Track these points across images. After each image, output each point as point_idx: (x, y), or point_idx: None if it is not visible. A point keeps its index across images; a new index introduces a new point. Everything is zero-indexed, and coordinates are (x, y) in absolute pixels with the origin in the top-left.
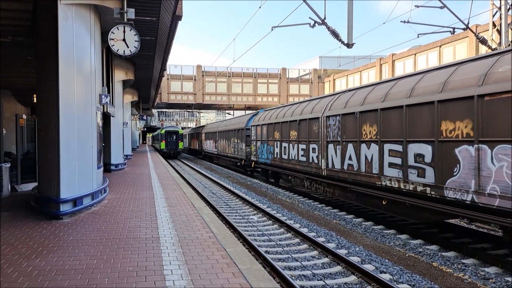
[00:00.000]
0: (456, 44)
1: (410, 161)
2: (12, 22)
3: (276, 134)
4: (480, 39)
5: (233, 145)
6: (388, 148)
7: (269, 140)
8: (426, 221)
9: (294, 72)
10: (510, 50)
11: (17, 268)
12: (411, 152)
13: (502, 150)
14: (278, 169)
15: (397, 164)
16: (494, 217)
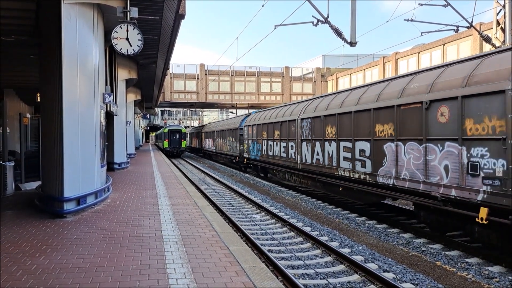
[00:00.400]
0: (460, 42)
1: (356, 155)
2: (15, 21)
3: (263, 134)
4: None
5: (228, 143)
6: (342, 145)
7: (258, 139)
8: (368, 202)
9: (297, 71)
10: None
11: (21, 266)
12: (357, 148)
13: (410, 146)
14: (266, 164)
15: (348, 158)
16: (407, 196)
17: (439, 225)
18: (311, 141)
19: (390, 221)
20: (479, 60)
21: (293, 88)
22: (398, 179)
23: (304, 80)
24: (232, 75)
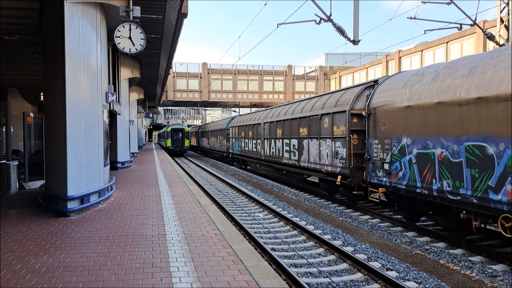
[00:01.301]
0: (463, 40)
1: (291, 148)
2: (19, 20)
3: (242, 133)
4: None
5: (219, 141)
6: (285, 142)
7: (239, 137)
8: (298, 179)
9: (300, 69)
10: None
11: (25, 264)
12: (291, 143)
13: (314, 141)
14: (244, 157)
15: (287, 150)
16: (314, 173)
17: (328, 188)
18: (269, 139)
19: (392, 219)
20: (343, 91)
21: (295, 86)
22: (310, 162)
23: (306, 79)
24: (235, 74)
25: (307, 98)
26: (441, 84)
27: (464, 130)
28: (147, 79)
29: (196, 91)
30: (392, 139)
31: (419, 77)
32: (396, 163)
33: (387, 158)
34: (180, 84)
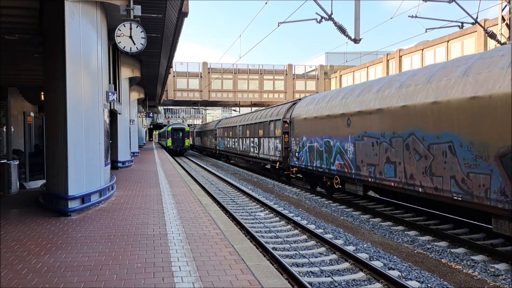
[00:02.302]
0: (464, 39)
1: (255, 144)
2: (19, 20)
3: (225, 133)
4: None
5: (209, 140)
6: (251, 140)
7: (224, 136)
8: (259, 167)
9: (300, 68)
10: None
11: (26, 264)
12: (255, 141)
13: (266, 139)
14: (227, 153)
15: (252, 146)
16: (267, 161)
17: (273, 172)
18: (242, 138)
19: (394, 218)
20: (282, 105)
21: (296, 85)
22: (264, 154)
23: (307, 78)
24: (235, 73)
25: (265, 108)
26: (320, 105)
27: (324, 132)
28: (148, 78)
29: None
30: (299, 137)
31: (312, 100)
32: (301, 152)
33: (297, 149)
34: (181, 84)
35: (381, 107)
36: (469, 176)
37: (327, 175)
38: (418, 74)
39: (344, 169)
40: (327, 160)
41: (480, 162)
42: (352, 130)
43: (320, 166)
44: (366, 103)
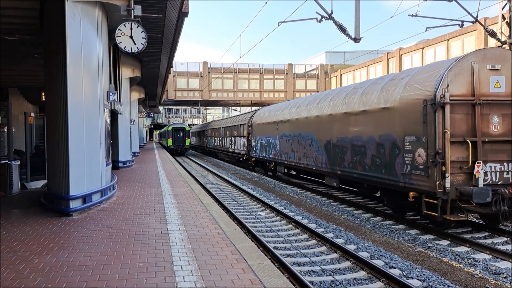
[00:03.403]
0: (464, 37)
1: (231, 142)
2: (20, 20)
3: (213, 134)
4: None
5: (201, 139)
6: (230, 139)
7: (212, 136)
8: (236, 160)
9: (300, 67)
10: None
11: (28, 264)
12: (231, 140)
13: (238, 138)
14: (215, 150)
15: (230, 144)
16: (240, 155)
17: (244, 162)
18: (224, 137)
19: (395, 217)
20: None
21: (296, 85)
22: (237, 150)
23: (307, 77)
24: (236, 73)
25: (239, 114)
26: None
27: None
28: (148, 78)
29: (197, 90)
30: (255, 137)
31: (263, 111)
32: (256, 147)
33: (254, 145)
34: (181, 83)
35: (289, 118)
36: (318, 156)
37: (268, 161)
38: (307, 100)
39: (275, 157)
40: (268, 152)
41: (319, 149)
42: (279, 132)
43: (265, 156)
44: (284, 116)
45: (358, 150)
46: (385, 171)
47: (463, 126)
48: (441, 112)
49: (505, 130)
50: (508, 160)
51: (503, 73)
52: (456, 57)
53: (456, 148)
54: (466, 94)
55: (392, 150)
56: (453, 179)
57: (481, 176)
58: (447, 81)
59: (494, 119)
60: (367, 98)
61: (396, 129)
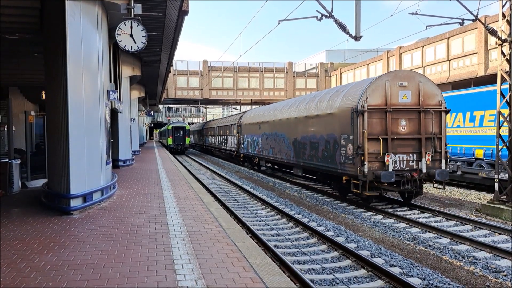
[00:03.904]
0: (464, 35)
1: (223, 141)
2: (20, 19)
3: (208, 133)
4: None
5: (199, 138)
6: (222, 138)
7: (208, 135)
8: (228, 156)
9: (300, 66)
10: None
11: (29, 263)
12: (224, 138)
13: (230, 137)
14: (210, 147)
15: (223, 142)
16: (231, 152)
17: (235, 158)
18: (218, 136)
19: (396, 216)
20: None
21: (296, 83)
22: (229, 147)
23: (307, 76)
24: (236, 71)
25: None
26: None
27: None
28: (148, 77)
29: (197, 89)
30: (243, 135)
31: (250, 113)
32: (244, 144)
33: (243, 143)
34: (181, 82)
35: (268, 120)
36: (288, 151)
37: (253, 156)
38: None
39: (258, 153)
40: (253, 148)
41: (289, 145)
42: (261, 131)
43: (251, 152)
44: (265, 118)
45: (313, 146)
46: (330, 161)
47: (378, 127)
48: (362, 117)
49: (410, 130)
50: (412, 152)
51: (409, 88)
52: (374, 77)
53: (372, 143)
54: (380, 104)
55: (334, 145)
56: (370, 166)
57: (391, 164)
58: (367, 94)
59: (402, 122)
60: (320, 105)
61: (336, 129)
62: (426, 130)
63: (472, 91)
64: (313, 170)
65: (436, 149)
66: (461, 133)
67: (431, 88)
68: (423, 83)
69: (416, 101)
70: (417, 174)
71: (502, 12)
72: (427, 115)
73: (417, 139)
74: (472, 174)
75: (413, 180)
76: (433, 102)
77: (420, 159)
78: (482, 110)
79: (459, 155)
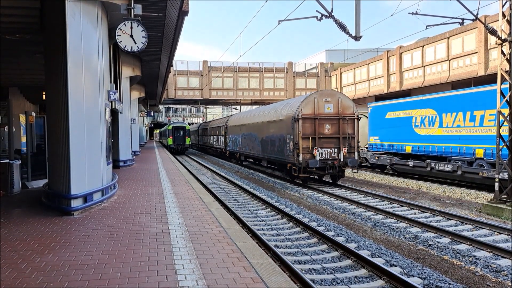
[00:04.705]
0: (464, 35)
1: (215, 140)
2: (20, 19)
3: (203, 133)
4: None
5: (195, 137)
6: (213, 137)
7: (202, 135)
8: (219, 153)
9: (300, 66)
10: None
11: (30, 263)
12: (215, 138)
13: (219, 136)
14: (204, 146)
15: (214, 141)
16: (220, 150)
17: (222, 154)
18: (210, 136)
19: (396, 215)
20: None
21: (296, 83)
22: (218, 145)
23: (307, 76)
24: (236, 71)
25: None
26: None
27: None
28: (148, 77)
29: (197, 89)
30: (229, 135)
31: (235, 116)
32: (229, 143)
33: (229, 142)
34: (181, 82)
35: (246, 123)
36: (258, 148)
37: (236, 152)
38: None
39: (239, 149)
40: (235, 146)
41: (258, 143)
42: (241, 132)
43: (234, 149)
44: (244, 121)
45: (272, 143)
46: (281, 154)
47: (309, 130)
48: (298, 122)
49: (332, 131)
50: (334, 147)
51: (331, 102)
52: (307, 94)
53: (305, 141)
54: (311, 114)
55: (283, 142)
56: (303, 156)
57: (318, 155)
58: (301, 107)
59: (327, 126)
60: (276, 113)
61: (284, 131)
62: (344, 131)
63: (472, 90)
64: (272, 161)
65: (350, 145)
66: (462, 133)
67: (347, 102)
68: (341, 98)
69: (336, 111)
70: (337, 162)
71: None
72: (344, 121)
73: (337, 138)
74: (472, 173)
75: (334, 166)
76: (349, 112)
77: (339, 152)
78: (482, 110)
79: (460, 154)
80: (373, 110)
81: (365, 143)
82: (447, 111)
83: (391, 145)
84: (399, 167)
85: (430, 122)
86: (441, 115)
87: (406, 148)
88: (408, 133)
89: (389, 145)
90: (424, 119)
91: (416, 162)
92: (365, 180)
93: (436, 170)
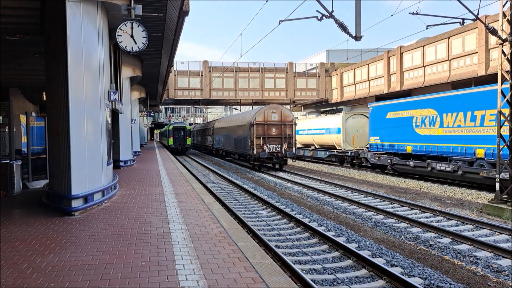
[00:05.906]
0: (465, 35)
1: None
2: (20, 20)
3: (196, 133)
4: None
5: (196, 137)
6: (204, 137)
7: (196, 135)
8: (209, 151)
9: (301, 66)
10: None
11: (31, 264)
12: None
13: (209, 136)
14: (198, 144)
15: (205, 140)
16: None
17: (211, 151)
18: (201, 136)
19: (397, 215)
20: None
21: (297, 83)
22: (208, 144)
23: (308, 76)
24: (236, 72)
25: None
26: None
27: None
28: (149, 77)
29: (197, 89)
30: (215, 135)
31: (220, 119)
32: (215, 141)
33: (215, 141)
34: (181, 82)
35: (225, 126)
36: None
37: (219, 149)
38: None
39: (222, 146)
40: (219, 144)
41: (232, 141)
42: (222, 132)
43: (218, 146)
44: (224, 124)
45: (240, 141)
46: (245, 149)
47: (261, 131)
48: (253, 127)
49: (277, 133)
50: (278, 144)
51: (276, 113)
52: (259, 107)
53: (258, 140)
54: (262, 121)
55: (246, 141)
56: (257, 150)
57: (267, 149)
58: (255, 116)
59: (273, 129)
60: (242, 119)
61: (246, 132)
62: (285, 133)
63: (473, 90)
64: (241, 154)
65: (290, 142)
66: (462, 133)
67: (288, 113)
68: (283, 110)
69: (280, 119)
70: (280, 154)
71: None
72: (285, 126)
73: (280, 137)
74: (473, 173)
75: (278, 157)
76: (289, 120)
77: (282, 147)
78: (483, 110)
79: (460, 154)
80: (373, 110)
81: (366, 143)
82: (447, 111)
83: (391, 145)
84: (399, 167)
85: (431, 122)
86: (442, 115)
87: (407, 148)
88: (408, 133)
89: (390, 145)
90: (424, 119)
91: (416, 162)
92: (366, 180)
93: (436, 170)
